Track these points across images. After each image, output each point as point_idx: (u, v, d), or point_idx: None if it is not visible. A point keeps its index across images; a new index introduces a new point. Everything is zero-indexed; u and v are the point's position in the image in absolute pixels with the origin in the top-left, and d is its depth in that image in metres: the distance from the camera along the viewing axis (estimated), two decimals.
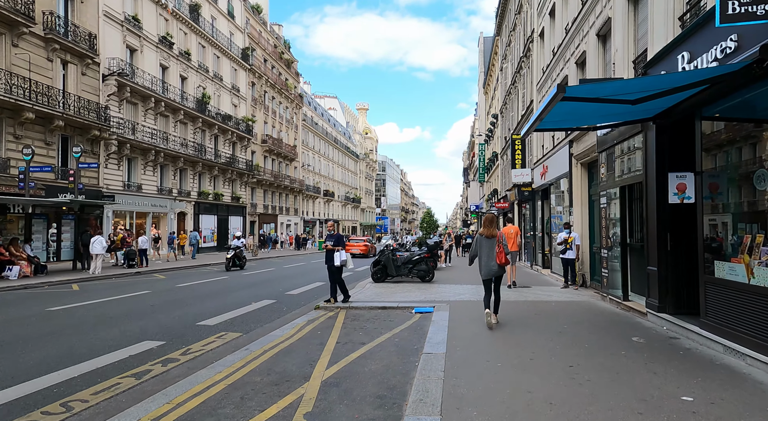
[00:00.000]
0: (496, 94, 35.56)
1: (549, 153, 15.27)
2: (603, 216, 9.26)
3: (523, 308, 8.65)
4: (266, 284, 13.84)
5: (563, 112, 5.95)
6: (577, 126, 6.74)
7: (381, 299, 10.12)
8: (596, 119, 6.56)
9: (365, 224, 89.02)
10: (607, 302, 9.06)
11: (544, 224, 16.46)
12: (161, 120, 28.41)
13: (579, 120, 6.53)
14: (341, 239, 9.59)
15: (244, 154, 39.33)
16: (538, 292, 11.10)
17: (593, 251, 11.70)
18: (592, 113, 6.03)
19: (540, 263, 17.02)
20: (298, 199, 53.41)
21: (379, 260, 13.77)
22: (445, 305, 8.99)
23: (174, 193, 29.49)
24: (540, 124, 6.43)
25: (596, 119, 6.56)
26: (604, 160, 9.19)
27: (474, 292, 11.06)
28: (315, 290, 12.76)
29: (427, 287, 12.39)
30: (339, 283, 9.50)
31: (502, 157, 30.03)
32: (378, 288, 12.29)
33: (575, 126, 6.74)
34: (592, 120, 6.62)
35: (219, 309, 9.22)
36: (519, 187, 18.50)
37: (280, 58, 49.01)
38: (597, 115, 6.26)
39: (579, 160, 12.00)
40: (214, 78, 34.66)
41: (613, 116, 6.47)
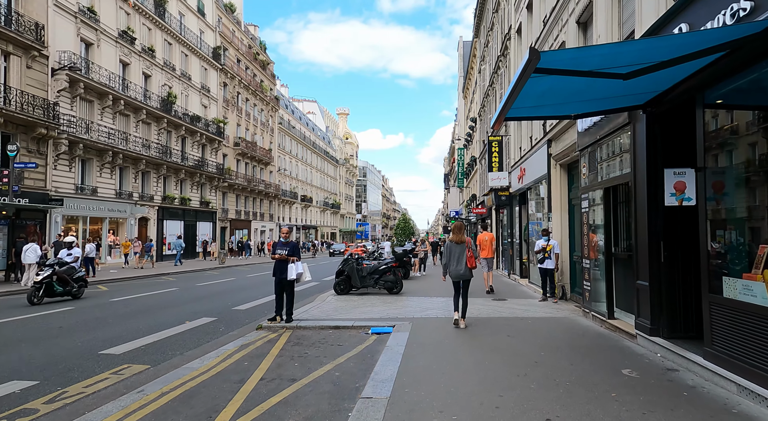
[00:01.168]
0: (475, 98, 34.83)
1: (526, 155, 14.32)
2: (584, 222, 8.24)
3: (496, 327, 7.53)
4: (216, 297, 12.44)
5: (538, 93, 4.87)
6: (554, 114, 5.73)
7: (337, 316, 8.88)
8: (577, 106, 5.51)
9: (345, 230, 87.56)
10: (590, 319, 8.01)
11: (522, 231, 15.48)
12: (121, 119, 26.68)
13: (557, 106, 5.47)
14: (297, 248, 8.35)
15: (215, 157, 37.66)
16: (514, 306, 10.02)
17: (573, 261, 10.71)
18: (572, 95, 4.97)
19: (518, 272, 16.02)
20: (273, 204, 51.76)
21: (342, 270, 12.54)
22: (407, 324, 7.81)
23: (135, 198, 27.71)
24: (512, 111, 5.34)
25: (577, 106, 5.51)
26: (585, 159, 8.18)
27: (444, 306, 9.92)
28: (269, 304, 11.40)
29: (394, 299, 11.21)
30: (290, 299, 8.24)
31: (480, 161, 29.19)
32: (339, 301, 11.05)
33: (552, 114, 5.72)
34: (571, 107, 5.57)
35: (141, 331, 7.84)
36: (496, 192, 17.53)
37: (254, 59, 47.55)
38: (578, 99, 5.20)
39: (558, 161, 11.02)
40: (182, 77, 33.04)
41: (597, 102, 5.42)
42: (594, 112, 5.82)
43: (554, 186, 11.20)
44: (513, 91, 4.33)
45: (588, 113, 5.83)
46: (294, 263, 8.04)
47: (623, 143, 6.78)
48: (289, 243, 8.27)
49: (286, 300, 8.20)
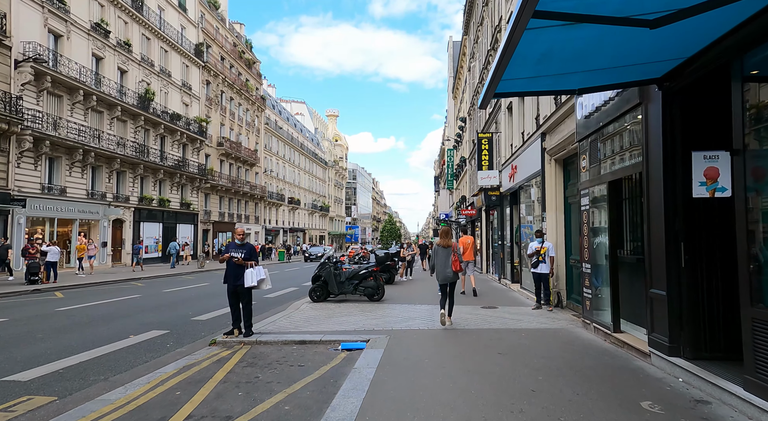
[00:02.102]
0: (465, 97, 34.02)
1: (518, 151, 13.41)
2: (584, 221, 7.30)
3: (485, 341, 6.54)
4: (179, 305, 11.30)
5: (536, 58, 3.91)
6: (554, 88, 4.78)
7: (306, 328, 7.83)
8: (581, 78, 4.55)
9: (334, 233, 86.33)
10: (591, 331, 7.05)
11: (514, 232, 14.56)
12: (94, 116, 25.37)
13: (557, 78, 4.51)
14: (254, 252, 7.32)
15: (197, 157, 36.36)
16: (505, 315, 9.05)
17: (570, 265, 9.78)
18: (576, 61, 4.02)
19: (509, 277, 15.08)
20: (259, 206, 50.45)
21: (318, 275, 11.49)
22: (383, 338, 6.78)
23: (108, 198, 26.37)
24: (504, 84, 4.37)
25: (581, 78, 4.55)
26: (586, 150, 7.25)
27: (428, 315, 8.91)
28: None
29: (374, 307, 10.18)
30: (248, 310, 7.20)
31: (470, 161, 28.32)
32: (314, 310, 9.99)
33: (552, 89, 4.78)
34: (574, 79, 4.61)
35: (71, 348, 6.71)
36: (486, 192, 16.61)
37: (239, 58, 46.34)
38: (583, 69, 4.26)
39: (553, 155, 10.11)
40: (161, 73, 31.76)
41: (606, 73, 4.47)
42: (601, 86, 4.88)
43: (549, 183, 10.28)
44: (506, 50, 3.36)
45: (594, 87, 4.90)
46: (253, 268, 6.99)
47: (632, 129, 5.85)
48: (245, 245, 7.22)
49: (244, 311, 7.14)
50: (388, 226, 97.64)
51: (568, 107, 8.63)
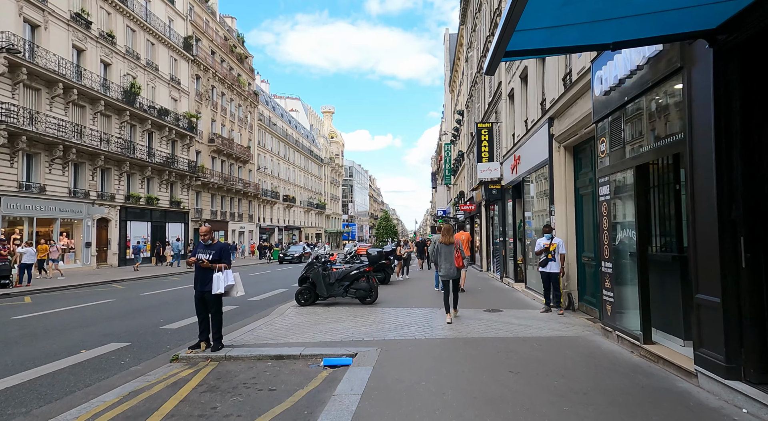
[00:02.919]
0: (462, 90, 33.05)
1: (521, 140, 12.45)
2: (603, 214, 6.34)
3: (492, 355, 5.59)
4: (150, 312, 10.30)
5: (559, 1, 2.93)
6: (581, 44, 3.79)
7: (287, 338, 6.86)
8: (615, 27, 3.58)
9: (331, 231, 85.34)
10: (614, 340, 6.11)
11: (517, 228, 13.61)
12: (75, 111, 24.27)
13: (585, 28, 3.53)
14: (227, 252, 6.34)
15: (187, 154, 35.26)
16: (512, 319, 8.10)
17: (582, 263, 8.84)
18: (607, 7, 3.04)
19: (511, 275, 14.14)
20: (253, 204, 49.40)
21: (305, 277, 10.52)
22: (373, 352, 5.81)
23: (92, 197, 25.29)
24: (519, 38, 3.40)
25: (615, 27, 3.58)
26: (605, 132, 6.29)
27: (426, 321, 7.96)
28: None
29: (366, 312, 9.22)
30: (217, 319, 6.23)
31: (468, 155, 27.37)
32: (299, 316, 9.03)
33: (578, 44, 3.80)
34: (607, 30, 3.63)
35: (3, 368, 5.71)
36: (486, 185, 15.65)
37: (231, 52, 45.17)
38: (618, 14, 3.28)
39: (562, 142, 9.14)
40: (148, 67, 30.63)
41: (647, 21, 3.50)
42: (642, 39, 3.91)
43: (557, 173, 9.32)
44: None
45: (632, 41, 3.91)
46: (221, 272, 6.02)
47: (668, 103, 4.89)
48: (215, 245, 6.26)
49: (212, 321, 6.17)
50: (383, 223, 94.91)
51: (580, 86, 7.67)
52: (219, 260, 6.13)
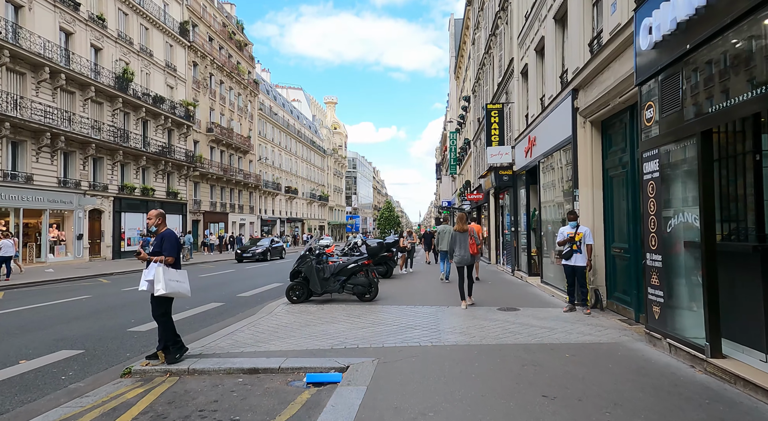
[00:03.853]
0: (468, 75, 31.70)
1: (537, 120, 11.24)
2: (651, 194, 5.19)
3: (516, 370, 4.50)
4: (122, 310, 9.25)
5: None
6: None
7: (269, 345, 5.80)
8: None
9: (334, 223, 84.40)
10: (665, 350, 4.99)
11: (531, 217, 12.47)
12: (64, 97, 23.20)
13: None
14: (170, 242, 5.09)
15: (184, 143, 34.20)
16: (531, 321, 6.99)
17: (612, 254, 7.69)
18: None
19: (524, 268, 13.03)
20: (254, 196, 48.40)
21: (298, 271, 9.44)
22: (368, 365, 4.73)
23: (84, 187, 24.31)
24: None
25: None
26: (653, 95, 5.13)
27: (432, 323, 6.87)
28: (188, 319, 8.32)
29: (365, 310, 8.15)
30: (164, 325, 5.12)
31: (475, 142, 26.13)
32: (289, 315, 7.97)
33: None
34: None
35: None
36: (496, 171, 14.46)
37: (229, 38, 43.88)
38: None
39: (588, 116, 7.96)
40: (142, 52, 29.47)
41: None
42: None
43: (583, 152, 8.14)
44: None
45: None
46: (155, 266, 4.92)
47: (755, 45, 3.71)
48: (161, 234, 5.15)
49: (160, 326, 5.09)
50: (386, 213, 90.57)
51: (614, 47, 6.47)
52: (159, 251, 5.02)
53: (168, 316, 5.09)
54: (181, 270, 5.12)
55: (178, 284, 4.95)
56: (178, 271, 5.06)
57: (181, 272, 5.09)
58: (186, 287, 5.09)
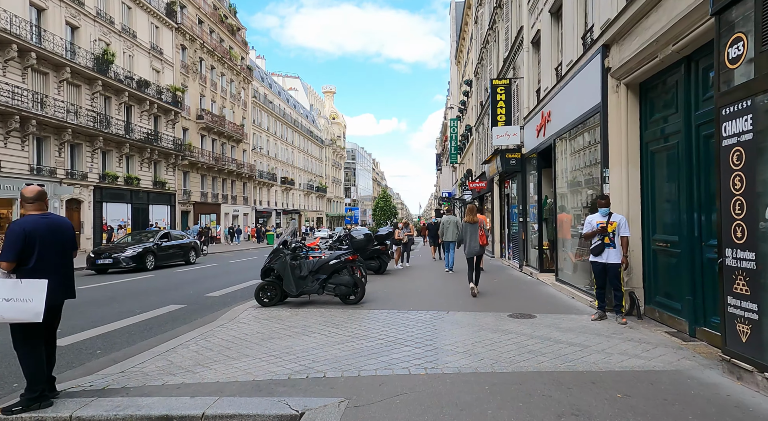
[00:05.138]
0: (470, 58, 30.00)
1: (552, 91, 9.67)
2: (735, 166, 3.67)
3: (545, 419, 3.01)
4: None
5: None
6: None
7: (203, 373, 4.32)
8: None
9: (332, 215, 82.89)
10: (758, 387, 3.50)
11: (543, 205, 10.95)
12: (36, 78, 21.57)
13: None
14: (12, 238, 3.39)
15: (172, 130, 32.59)
16: (554, 333, 5.50)
17: (653, 249, 6.18)
18: None
19: (535, 264, 11.54)
20: (248, 186, 46.84)
21: (269, 268, 7.96)
22: (333, 411, 3.24)
23: (60, 175, 22.78)
24: None
25: None
26: (742, 25, 3.58)
27: (428, 334, 5.38)
28: (126, 329, 6.85)
29: (347, 316, 6.66)
30: (20, 355, 3.53)
31: (477, 128, 24.54)
32: (255, 322, 6.50)
33: None
34: None
35: None
36: (502, 155, 12.91)
37: (221, 22, 42.03)
38: None
39: (623, 77, 6.40)
40: (124, 33, 27.75)
41: None
42: None
43: (615, 123, 6.60)
44: None
45: None
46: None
47: None
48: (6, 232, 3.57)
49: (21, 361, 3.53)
50: (381, 203, 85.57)
51: None
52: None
53: (31, 345, 3.49)
54: (25, 281, 3.33)
55: (8, 306, 3.22)
56: (15, 282, 3.32)
57: (24, 284, 3.31)
58: (30, 308, 3.26)
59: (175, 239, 17.55)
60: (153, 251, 15.52)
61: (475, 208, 8.65)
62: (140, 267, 14.75)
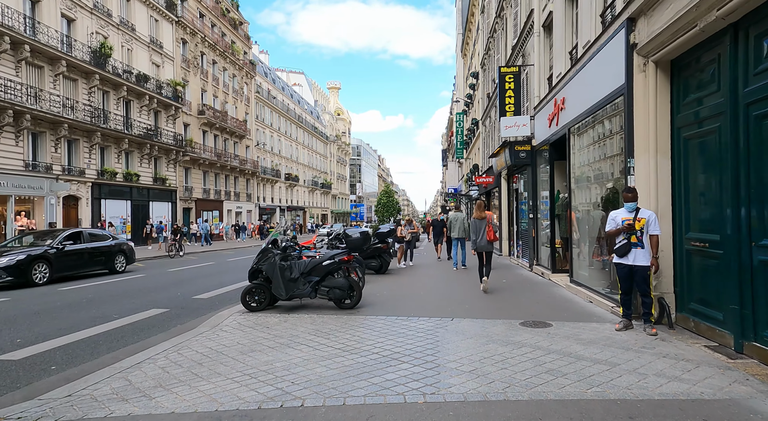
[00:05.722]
0: (476, 50, 29.12)
1: (566, 76, 8.88)
2: None
3: None
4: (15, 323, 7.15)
5: None
6: None
7: (159, 400, 3.66)
8: None
9: (337, 212, 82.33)
10: None
11: (554, 202, 10.19)
12: (31, 71, 21.03)
13: None
14: None
15: (173, 126, 32.04)
16: (573, 345, 4.78)
17: (686, 249, 5.42)
18: None
19: (546, 263, 10.79)
20: (251, 183, 46.31)
21: (257, 269, 7.29)
22: None
23: (56, 171, 22.27)
24: None
25: None
26: None
27: (429, 346, 4.68)
28: (98, 337, 6.22)
29: (339, 324, 5.98)
30: None
31: (484, 122, 23.72)
32: (238, 330, 5.84)
33: None
34: None
35: None
36: (511, 147, 12.12)
37: (222, 16, 41.39)
38: None
39: (652, 54, 5.62)
40: (122, 26, 27.17)
41: None
42: None
43: (641, 107, 5.83)
44: None
45: None
46: None
47: None
48: None
49: None
50: (384, 199, 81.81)
51: None
52: None
53: None
54: None
55: None
56: None
57: None
58: None
59: (92, 240, 13.31)
60: (46, 258, 11.31)
61: (483, 204, 8.64)
62: (21, 282, 10.54)
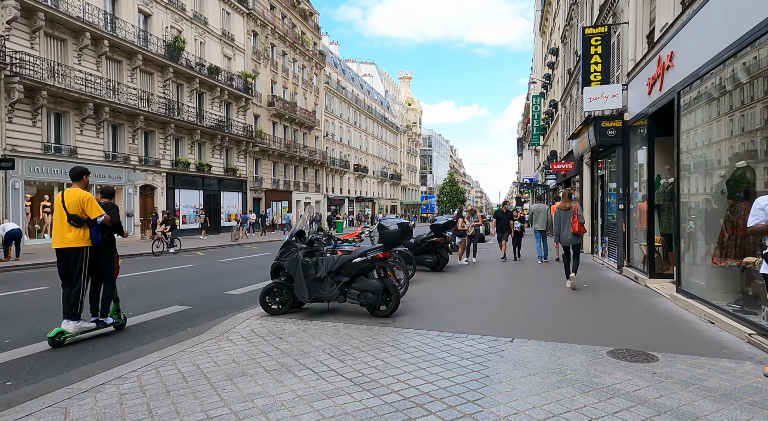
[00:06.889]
0: (556, 24, 26.21)
1: (676, 24, 6.77)
2: None
3: None
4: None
5: None
6: None
7: None
8: None
9: (407, 203, 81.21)
10: None
11: (654, 189, 8.09)
12: (110, 65, 22.06)
13: None
14: None
15: (243, 117, 32.69)
16: (699, 401, 3.09)
17: None
18: None
19: (640, 265, 8.71)
20: (320, 173, 46.57)
21: (279, 266, 6.24)
22: None
23: (133, 161, 23.34)
24: None
25: None
26: None
27: (476, 389, 3.25)
28: (20, 362, 5.48)
29: (365, 340, 4.74)
30: None
31: (564, 102, 21.10)
32: (245, 342, 4.83)
33: None
34: None
35: None
36: (597, 123, 10.01)
37: (293, 7, 41.60)
38: None
39: None
40: (195, 20, 27.92)
41: None
42: None
43: None
44: None
45: None
46: None
47: None
48: None
49: None
50: (447, 188, 74.24)
51: None
52: None
53: None
54: None
55: None
56: None
57: None
58: None
59: None
60: None
61: (568, 194, 8.20)
62: None
